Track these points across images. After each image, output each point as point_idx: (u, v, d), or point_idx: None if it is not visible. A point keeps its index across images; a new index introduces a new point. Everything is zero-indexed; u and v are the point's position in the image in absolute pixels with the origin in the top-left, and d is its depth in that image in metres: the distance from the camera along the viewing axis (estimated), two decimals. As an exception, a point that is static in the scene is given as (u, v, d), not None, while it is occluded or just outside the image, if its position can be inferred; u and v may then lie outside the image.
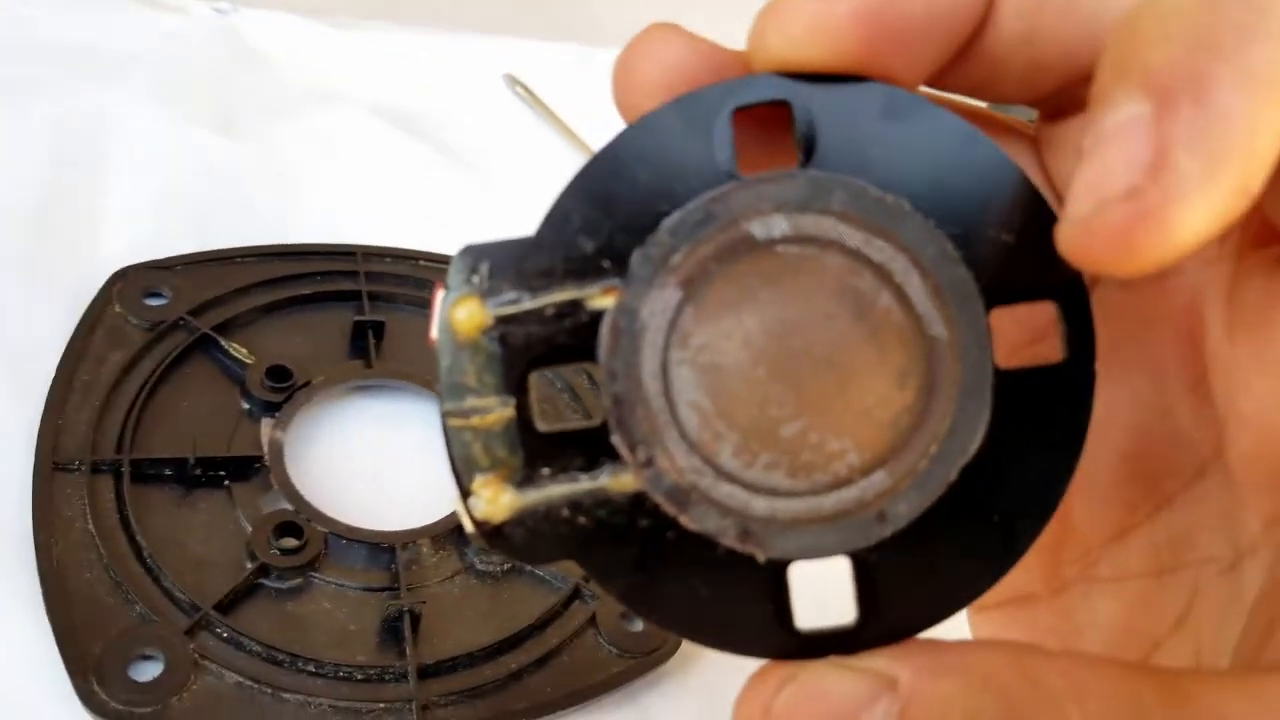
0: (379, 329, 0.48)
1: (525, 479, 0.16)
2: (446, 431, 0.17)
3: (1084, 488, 0.19)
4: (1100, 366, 0.17)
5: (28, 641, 0.35)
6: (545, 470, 0.16)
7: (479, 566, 0.41)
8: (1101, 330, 0.17)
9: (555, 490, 0.16)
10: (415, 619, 0.38)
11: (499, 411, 0.16)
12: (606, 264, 0.17)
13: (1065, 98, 0.18)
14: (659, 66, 0.17)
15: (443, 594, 0.40)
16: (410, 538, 0.41)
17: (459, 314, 0.16)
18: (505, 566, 0.41)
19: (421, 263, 0.52)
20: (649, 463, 0.16)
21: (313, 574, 0.39)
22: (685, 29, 0.18)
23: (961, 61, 0.18)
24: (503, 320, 0.16)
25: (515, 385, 0.17)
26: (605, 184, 0.17)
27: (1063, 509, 0.18)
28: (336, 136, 0.57)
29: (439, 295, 0.17)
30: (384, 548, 0.40)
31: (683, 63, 0.17)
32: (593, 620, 0.40)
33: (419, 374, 0.47)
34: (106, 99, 0.52)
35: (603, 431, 0.16)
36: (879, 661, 0.16)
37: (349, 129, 0.58)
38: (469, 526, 0.16)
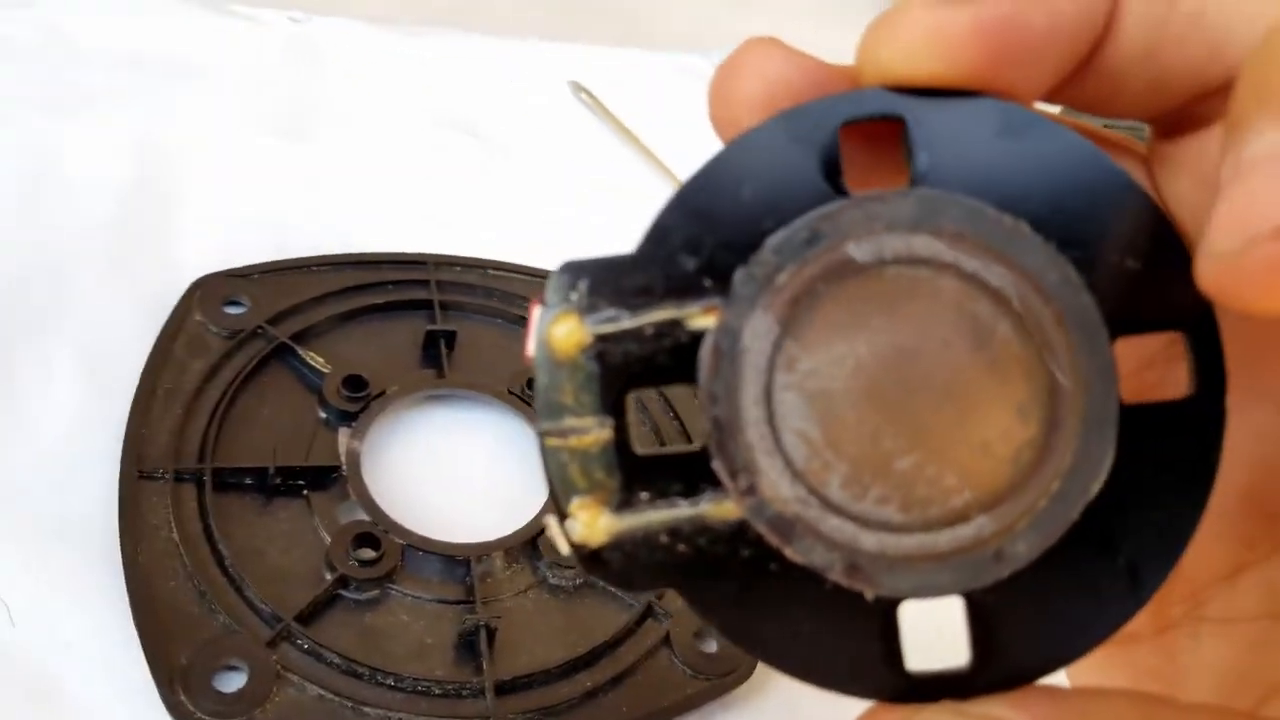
0: (450, 338, 0.48)
1: (623, 503, 0.16)
2: (544, 451, 0.16)
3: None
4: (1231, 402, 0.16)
5: (115, 648, 0.35)
6: (643, 495, 0.16)
7: (552, 581, 0.41)
8: (1230, 364, 0.16)
9: (654, 516, 0.16)
10: (491, 634, 0.38)
11: (596, 432, 0.16)
12: (708, 283, 0.16)
13: (1182, 114, 0.18)
14: (759, 80, 0.17)
15: (516, 608, 0.40)
16: (484, 550, 0.41)
17: (557, 331, 0.16)
18: (578, 581, 0.41)
19: (490, 271, 0.52)
20: (751, 490, 0.16)
21: (390, 585, 0.39)
22: (785, 42, 0.17)
23: (1079, 76, 0.17)
24: (601, 339, 0.16)
25: (613, 406, 0.16)
26: (707, 200, 0.16)
27: None
28: (407, 143, 0.58)
29: (536, 311, 0.16)
30: (459, 560, 0.40)
31: (784, 77, 0.17)
32: (666, 639, 0.40)
33: (490, 384, 0.47)
34: (185, 108, 0.53)
35: (703, 456, 0.16)
36: (996, 708, 0.15)
37: (419, 136, 0.58)
38: (565, 549, 0.16)
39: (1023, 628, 0.16)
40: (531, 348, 0.16)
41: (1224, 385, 0.16)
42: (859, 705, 0.17)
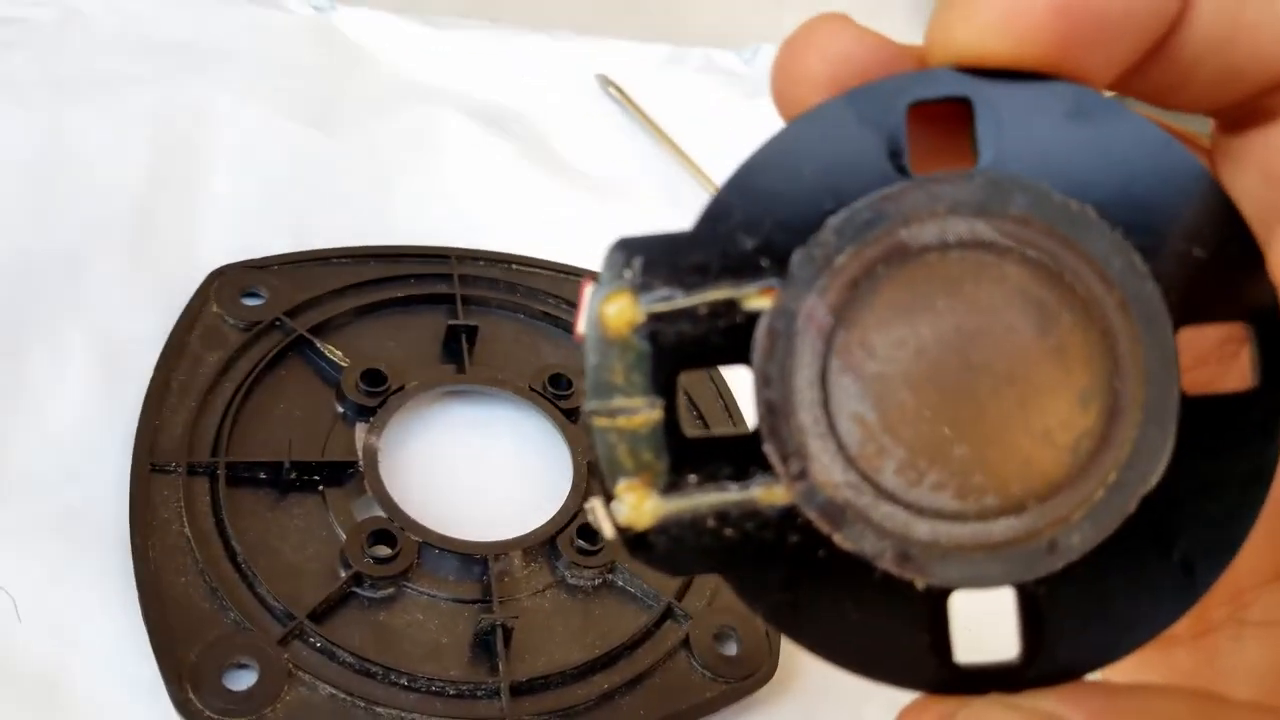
0: (472, 333, 0.47)
1: (670, 485, 0.16)
2: (592, 431, 0.16)
3: None
4: None
5: (123, 644, 0.34)
6: (692, 477, 0.16)
7: (570, 581, 0.40)
8: None
9: (702, 499, 0.16)
10: (507, 633, 0.37)
11: (646, 413, 0.16)
12: (765, 263, 0.16)
13: (1250, 108, 0.17)
14: (825, 58, 0.16)
15: (534, 608, 0.39)
16: (502, 549, 0.40)
17: (610, 309, 0.16)
18: (596, 582, 0.40)
19: (514, 266, 0.51)
20: (802, 475, 0.16)
21: (405, 584, 0.38)
22: (853, 20, 0.17)
23: (1147, 64, 0.16)
24: (655, 317, 0.16)
25: (664, 386, 0.16)
26: (767, 179, 0.16)
27: None
28: (431, 135, 0.57)
29: (588, 289, 0.16)
30: (476, 559, 0.39)
31: (851, 55, 0.16)
32: (686, 642, 0.39)
33: (511, 380, 0.46)
34: (206, 95, 0.52)
35: (754, 440, 0.16)
36: (1047, 703, 0.15)
37: (444, 128, 0.58)
38: (609, 532, 0.16)
39: (1074, 621, 0.16)
40: (582, 325, 0.16)
41: None
42: (879, 707, 0.17)
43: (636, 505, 0.16)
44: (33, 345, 0.41)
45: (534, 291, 0.50)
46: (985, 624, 0.18)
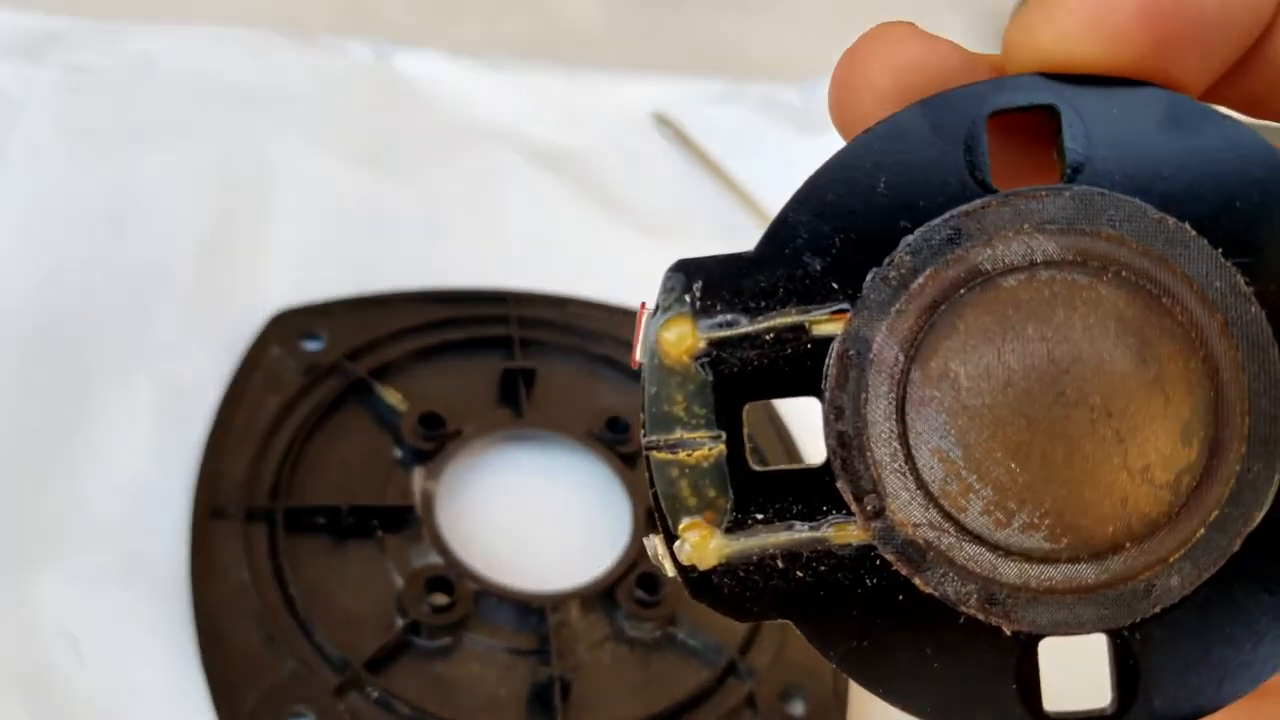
0: (530, 376, 0.47)
1: (735, 523, 0.15)
2: (651, 466, 0.15)
3: None
4: None
5: (182, 690, 0.34)
6: (758, 515, 0.15)
7: (630, 633, 0.39)
8: None
9: (770, 538, 0.15)
10: (565, 687, 0.37)
11: (709, 447, 0.15)
12: (835, 285, 0.15)
13: None
14: (891, 67, 0.16)
15: (592, 662, 0.39)
16: (560, 599, 0.39)
17: (668, 336, 0.15)
18: (656, 634, 0.40)
19: (571, 308, 0.51)
20: (879, 514, 0.15)
21: (462, 633, 0.38)
22: (919, 26, 0.16)
23: (1242, 70, 0.16)
24: (716, 344, 0.15)
25: (728, 418, 0.15)
26: (837, 196, 0.15)
27: None
28: (488, 177, 0.57)
29: (645, 314, 0.15)
30: (533, 608, 0.39)
31: (920, 63, 0.15)
32: (750, 700, 0.38)
33: (569, 425, 0.46)
34: (266, 140, 0.53)
35: (825, 475, 0.15)
36: None
37: (501, 169, 0.58)
38: (671, 572, 0.15)
39: (1173, 668, 0.15)
40: (639, 353, 0.15)
41: None
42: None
43: (700, 545, 0.15)
44: (98, 390, 0.41)
45: (591, 333, 0.50)
46: (1078, 669, 0.17)
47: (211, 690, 0.34)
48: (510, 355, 0.47)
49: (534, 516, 0.43)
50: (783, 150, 0.64)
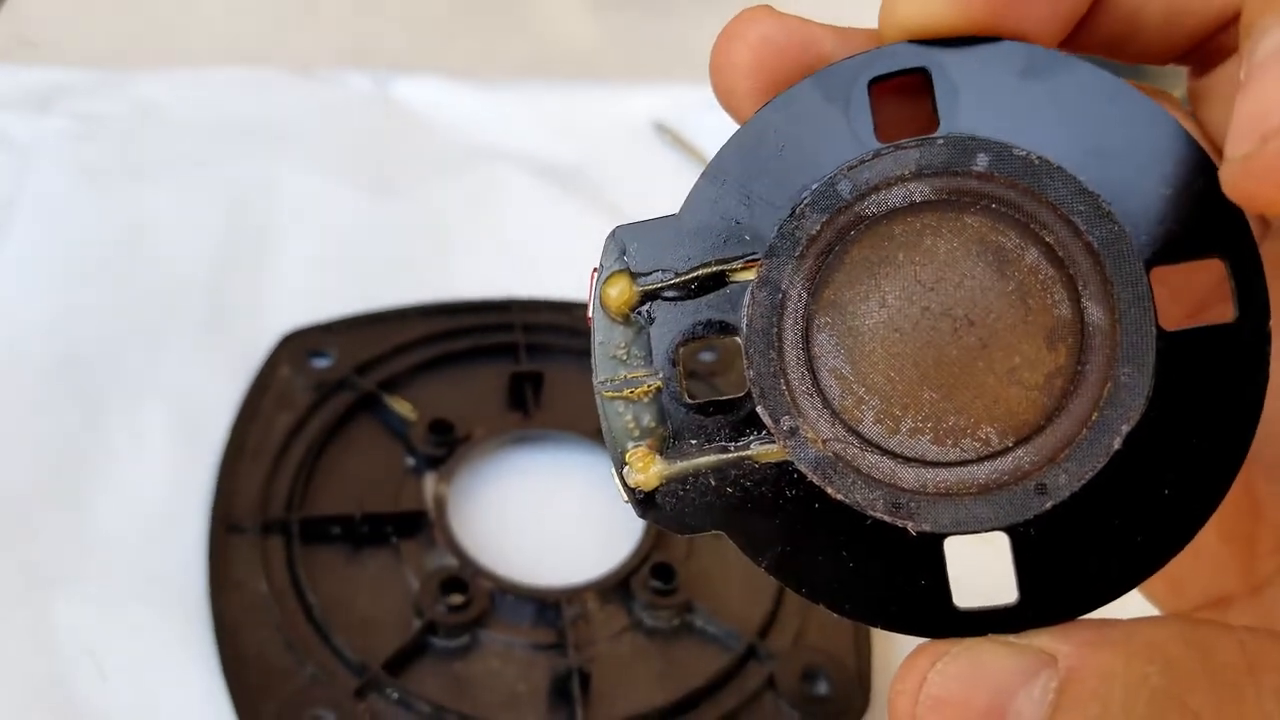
0: (537, 380, 0.47)
1: (673, 448, 0.17)
2: (601, 403, 0.18)
3: (1273, 468, 0.18)
4: (1276, 326, 0.16)
5: (203, 701, 0.35)
6: (693, 441, 0.17)
7: (647, 623, 0.39)
8: (1275, 288, 0.16)
9: (702, 459, 0.17)
10: (585, 679, 0.37)
11: (649, 383, 0.17)
12: (748, 238, 0.17)
13: (1210, 49, 0.18)
14: (748, 45, 0.18)
15: (611, 652, 0.39)
16: (576, 593, 0.39)
17: (611, 291, 0.18)
18: (674, 623, 0.40)
19: (577, 312, 0.51)
20: (793, 433, 0.17)
21: (480, 631, 0.38)
22: (773, 8, 0.18)
23: (1094, 17, 0.17)
24: (651, 295, 0.17)
25: (664, 358, 0.17)
26: (745, 161, 0.17)
27: (1249, 495, 0.18)
28: (491, 194, 0.58)
29: (593, 276, 0.18)
30: (549, 603, 0.39)
31: (769, 37, 0.18)
32: (770, 682, 0.38)
33: (577, 424, 0.46)
34: (274, 170, 0.54)
35: (747, 402, 0.17)
36: (1040, 638, 0.15)
37: (502, 186, 0.58)
38: (623, 495, 0.17)
39: (1069, 562, 0.16)
40: (590, 310, 0.18)
41: (1267, 309, 0.16)
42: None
43: (644, 469, 0.17)
44: (115, 416, 0.42)
45: (598, 336, 0.50)
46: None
47: (233, 699, 0.35)
48: (517, 360, 0.48)
49: (546, 514, 0.44)
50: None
